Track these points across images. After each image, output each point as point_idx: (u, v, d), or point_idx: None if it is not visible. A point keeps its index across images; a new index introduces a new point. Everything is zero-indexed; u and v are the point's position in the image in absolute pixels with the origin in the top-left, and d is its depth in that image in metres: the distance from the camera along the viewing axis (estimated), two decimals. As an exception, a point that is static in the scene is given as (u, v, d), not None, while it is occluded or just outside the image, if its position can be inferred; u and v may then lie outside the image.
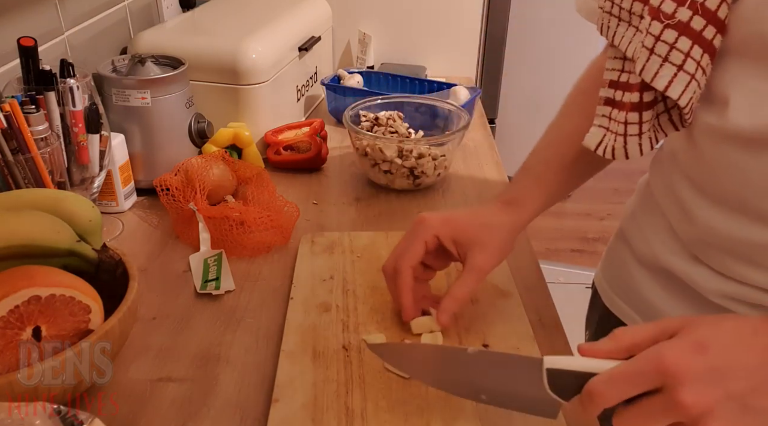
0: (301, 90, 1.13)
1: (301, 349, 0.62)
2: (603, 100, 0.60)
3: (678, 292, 0.65)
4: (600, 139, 0.60)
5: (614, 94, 0.58)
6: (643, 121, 0.57)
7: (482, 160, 1.05)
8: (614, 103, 0.58)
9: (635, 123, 0.57)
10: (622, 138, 0.58)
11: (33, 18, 0.85)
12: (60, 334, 0.52)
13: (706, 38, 0.51)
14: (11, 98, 0.68)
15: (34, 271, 0.55)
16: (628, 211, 0.77)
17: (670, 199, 0.65)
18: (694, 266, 0.63)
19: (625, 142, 0.58)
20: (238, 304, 0.71)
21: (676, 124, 0.58)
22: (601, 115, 0.60)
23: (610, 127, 0.59)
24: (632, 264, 0.72)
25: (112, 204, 0.87)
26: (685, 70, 0.52)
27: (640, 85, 0.55)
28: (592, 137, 0.61)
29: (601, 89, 0.59)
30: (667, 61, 0.52)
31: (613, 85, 0.58)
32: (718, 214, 0.58)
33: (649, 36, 0.52)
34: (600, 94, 0.60)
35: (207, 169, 0.84)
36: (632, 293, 0.72)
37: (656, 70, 0.52)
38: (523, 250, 0.79)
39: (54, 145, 0.71)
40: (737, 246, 0.58)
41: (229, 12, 1.14)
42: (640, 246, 0.71)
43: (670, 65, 0.52)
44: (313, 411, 0.55)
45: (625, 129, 0.57)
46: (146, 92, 0.86)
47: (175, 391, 0.59)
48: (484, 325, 0.65)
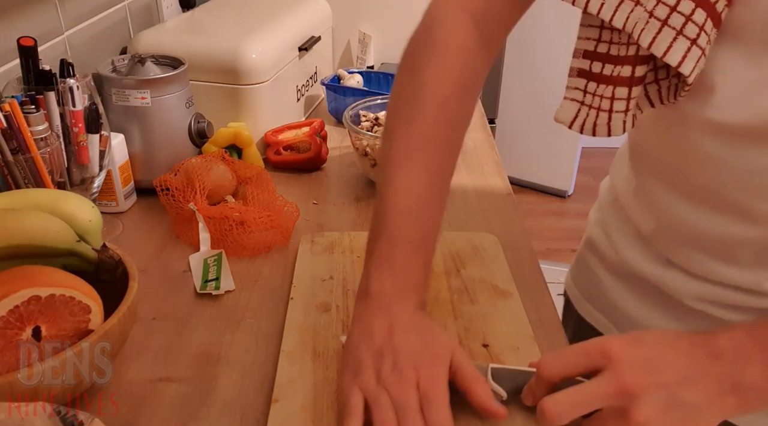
0: (301, 90, 1.13)
1: (301, 350, 0.62)
2: (576, 72, 0.55)
3: (651, 298, 0.65)
4: (574, 114, 0.55)
5: (591, 65, 0.54)
6: (632, 96, 0.53)
7: (482, 160, 1.05)
8: (590, 75, 0.54)
9: (623, 99, 0.53)
10: (606, 114, 0.53)
11: (33, 18, 0.84)
12: (60, 334, 0.52)
13: (717, 11, 0.48)
14: (11, 98, 0.68)
15: (34, 271, 0.55)
16: (593, 218, 0.76)
17: (638, 199, 0.64)
18: (667, 270, 0.62)
19: (610, 119, 0.53)
20: (238, 304, 0.71)
21: (663, 98, 0.54)
22: (574, 87, 0.55)
23: (585, 100, 0.55)
24: (602, 272, 0.71)
25: (111, 204, 0.87)
26: (698, 44, 0.48)
27: (635, 58, 0.51)
28: (565, 112, 0.56)
29: (573, 60, 0.55)
30: (682, 35, 0.48)
31: (589, 55, 0.54)
32: (693, 210, 0.57)
33: (663, 6, 0.48)
34: (572, 64, 0.55)
35: (207, 169, 0.84)
36: (604, 302, 0.71)
37: (670, 44, 0.48)
38: (523, 250, 0.79)
39: (54, 145, 0.71)
40: (713, 243, 0.57)
41: (229, 12, 1.14)
42: (609, 253, 0.70)
43: (684, 39, 0.48)
44: (313, 411, 0.55)
45: (611, 104, 0.53)
46: (146, 92, 0.86)
47: (175, 391, 0.59)
48: (484, 325, 0.65)
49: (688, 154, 0.55)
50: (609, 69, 0.52)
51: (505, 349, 0.62)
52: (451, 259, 0.76)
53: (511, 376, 0.55)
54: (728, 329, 0.49)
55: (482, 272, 0.73)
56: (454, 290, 0.70)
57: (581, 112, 0.55)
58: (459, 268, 0.74)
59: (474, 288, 0.71)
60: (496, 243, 0.79)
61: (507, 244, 0.79)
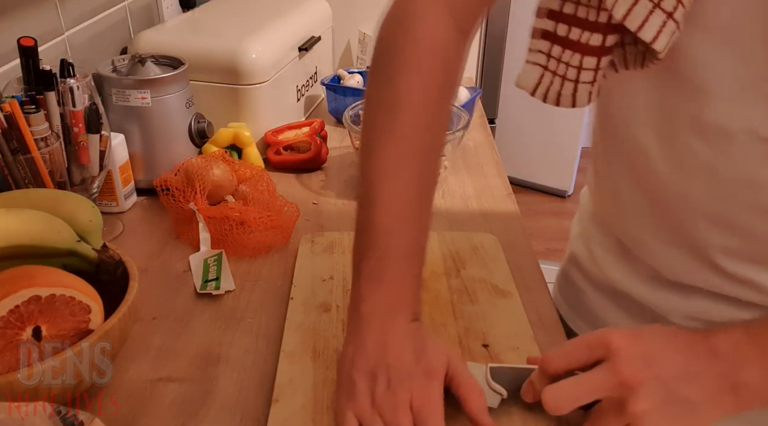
0: (301, 90, 1.13)
1: (301, 350, 0.62)
2: (540, 33, 0.51)
3: (639, 316, 0.64)
4: (537, 79, 0.51)
5: (555, 27, 0.49)
6: (600, 67, 0.49)
7: (482, 160, 1.05)
8: (555, 38, 0.50)
9: (591, 69, 0.49)
10: (572, 84, 0.50)
11: (33, 18, 0.85)
12: (60, 334, 0.52)
13: None
14: (11, 98, 0.68)
15: (34, 271, 0.55)
16: (574, 231, 0.74)
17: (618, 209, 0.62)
18: (653, 289, 0.62)
19: (576, 89, 0.50)
20: (238, 304, 0.71)
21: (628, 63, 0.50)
22: (537, 50, 0.51)
23: (549, 65, 0.51)
24: (587, 288, 0.70)
25: (112, 204, 0.87)
26: (674, 17, 0.45)
27: (606, 26, 0.47)
28: (527, 77, 0.52)
29: (536, 20, 0.51)
30: (659, 7, 0.44)
31: (553, 16, 0.49)
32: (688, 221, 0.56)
33: None
34: (535, 25, 0.51)
35: (207, 169, 0.84)
36: (592, 317, 0.70)
37: (645, 17, 0.45)
38: (523, 250, 0.79)
39: (54, 145, 0.71)
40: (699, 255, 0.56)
41: (229, 12, 1.14)
42: (592, 269, 0.69)
43: (660, 12, 0.44)
44: (313, 411, 0.55)
45: (578, 74, 0.49)
46: (146, 92, 0.86)
47: (175, 391, 0.59)
48: (484, 325, 0.65)
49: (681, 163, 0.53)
50: (576, 33, 0.48)
51: (504, 349, 0.62)
52: (451, 259, 0.76)
53: (510, 374, 0.55)
54: (727, 328, 0.50)
55: (482, 272, 0.73)
56: (454, 290, 0.70)
57: (545, 79, 0.51)
58: (459, 268, 0.74)
59: (474, 288, 0.71)
60: (496, 243, 0.79)
61: (507, 244, 0.79)
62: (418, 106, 0.56)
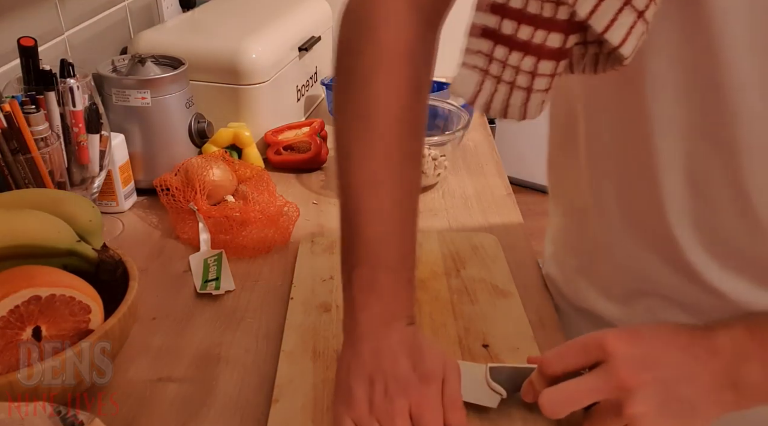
0: (301, 90, 1.13)
1: (302, 350, 0.62)
2: (479, 31, 0.43)
3: None
4: (476, 86, 0.45)
5: (500, 23, 0.42)
6: (557, 71, 0.42)
7: (482, 160, 1.05)
8: (499, 38, 0.42)
9: (547, 75, 0.42)
10: (523, 92, 0.43)
11: (33, 18, 0.85)
12: (60, 334, 0.52)
13: None
14: (11, 98, 0.68)
15: (34, 271, 0.55)
16: (547, 252, 0.73)
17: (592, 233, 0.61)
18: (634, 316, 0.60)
19: (528, 99, 0.43)
20: (238, 304, 0.71)
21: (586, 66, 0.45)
22: (476, 50, 0.44)
23: (491, 70, 0.44)
24: (567, 309, 0.69)
25: (112, 204, 0.87)
26: (645, 17, 0.39)
27: (567, 24, 0.40)
28: (464, 84, 0.45)
29: (475, 14, 0.44)
30: (630, 5, 0.38)
31: (498, 9, 0.42)
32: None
33: None
34: (474, 20, 0.44)
35: (207, 169, 0.84)
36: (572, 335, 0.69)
37: (614, 16, 0.39)
38: (523, 250, 0.79)
39: (54, 145, 0.71)
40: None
41: (229, 12, 1.14)
42: (569, 293, 0.68)
43: (630, 11, 0.39)
44: (313, 412, 0.55)
45: (531, 81, 0.42)
46: (146, 92, 0.86)
47: (175, 391, 0.59)
48: (484, 325, 0.65)
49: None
50: (526, 32, 0.41)
51: (504, 349, 0.62)
52: (451, 259, 0.76)
53: (510, 374, 0.55)
54: (726, 325, 0.49)
55: (482, 272, 0.73)
56: (454, 290, 0.70)
57: (486, 86, 0.44)
58: (459, 268, 0.74)
59: (474, 288, 0.71)
60: (496, 243, 0.79)
61: (507, 244, 0.79)
62: (390, 114, 0.54)
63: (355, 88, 0.54)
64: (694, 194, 0.50)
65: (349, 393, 0.51)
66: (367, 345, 0.52)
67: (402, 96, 0.54)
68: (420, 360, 0.52)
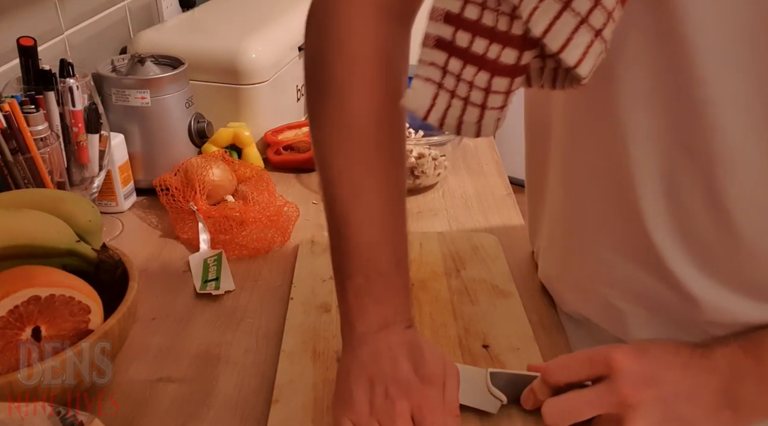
0: (301, 90, 1.13)
1: (302, 350, 0.62)
2: (433, 41, 0.42)
3: None
4: (430, 101, 0.43)
5: (454, 34, 0.40)
6: (512, 88, 0.41)
7: (482, 160, 1.05)
8: (453, 50, 0.41)
9: (501, 92, 0.41)
10: (477, 110, 0.41)
11: (32, 17, 0.84)
12: (59, 335, 0.52)
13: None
14: (11, 98, 0.68)
15: (33, 271, 0.54)
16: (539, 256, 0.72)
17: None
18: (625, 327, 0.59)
19: (481, 116, 0.42)
20: (238, 304, 0.71)
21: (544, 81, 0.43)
22: (430, 62, 0.42)
23: (445, 84, 0.42)
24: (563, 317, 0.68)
25: (111, 204, 0.87)
26: (603, 36, 0.37)
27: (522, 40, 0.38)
28: (418, 97, 0.43)
29: (430, 23, 0.42)
30: (587, 23, 0.36)
31: (452, 20, 0.40)
32: None
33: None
34: (428, 30, 0.42)
35: (207, 169, 0.84)
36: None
37: (569, 36, 0.37)
38: (523, 250, 0.79)
39: (53, 145, 0.71)
40: None
41: (229, 11, 1.14)
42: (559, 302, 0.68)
43: (587, 30, 0.36)
44: (313, 412, 0.55)
45: (484, 98, 0.41)
46: (146, 92, 0.86)
47: (174, 391, 0.59)
48: (484, 325, 0.65)
49: None
50: (481, 46, 0.39)
51: (505, 350, 0.62)
52: (451, 259, 0.76)
53: (510, 380, 0.55)
54: (722, 343, 0.49)
55: (482, 272, 0.73)
56: (454, 290, 0.70)
57: (440, 100, 0.42)
58: (459, 268, 0.74)
59: (474, 288, 0.71)
60: (496, 243, 0.79)
61: (507, 244, 0.79)
62: (368, 122, 0.53)
63: (329, 98, 0.53)
64: (672, 203, 0.50)
65: (349, 395, 0.51)
66: (367, 348, 0.52)
67: (378, 101, 0.53)
68: (421, 362, 0.52)
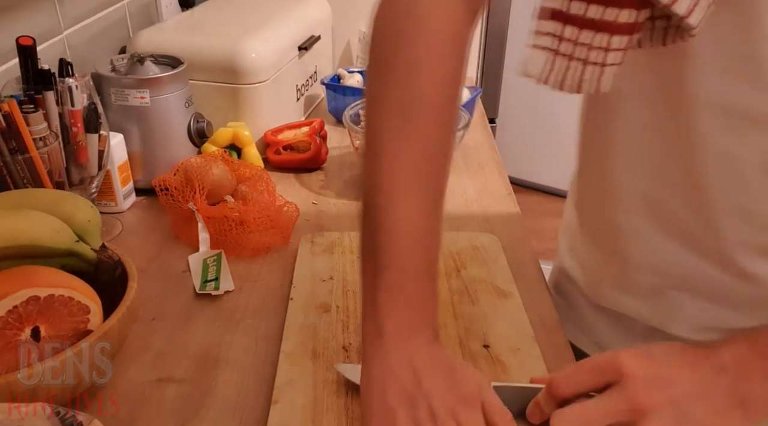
0: (300, 89, 1.13)
1: (301, 350, 0.62)
2: (549, 13, 0.45)
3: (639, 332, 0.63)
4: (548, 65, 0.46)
5: (569, 5, 0.44)
6: (629, 45, 0.44)
7: (482, 160, 1.04)
8: (569, 18, 0.44)
9: (620, 49, 0.44)
10: (597, 67, 0.45)
11: (32, 17, 0.84)
12: (59, 335, 0.52)
13: None
14: (10, 98, 0.68)
15: (32, 271, 0.54)
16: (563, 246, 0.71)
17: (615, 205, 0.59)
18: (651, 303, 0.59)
19: (602, 73, 0.45)
20: (238, 304, 0.71)
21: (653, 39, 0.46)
22: (545, 32, 0.46)
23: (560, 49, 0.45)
24: (582, 303, 0.68)
25: (110, 204, 0.87)
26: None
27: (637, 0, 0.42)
28: (534, 64, 0.46)
29: None
30: None
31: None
32: None
33: None
34: (543, 3, 0.46)
35: (206, 169, 0.84)
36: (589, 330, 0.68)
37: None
38: (524, 250, 0.79)
39: (53, 144, 0.71)
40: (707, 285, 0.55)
41: (229, 11, 1.14)
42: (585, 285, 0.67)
43: None
44: (312, 412, 0.55)
45: (605, 56, 0.44)
46: (145, 92, 0.86)
47: (174, 391, 0.59)
48: (485, 325, 0.65)
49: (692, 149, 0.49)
50: (597, 11, 0.43)
51: (505, 350, 0.62)
52: (451, 260, 0.75)
53: (514, 393, 0.52)
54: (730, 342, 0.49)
55: (483, 272, 0.73)
56: (454, 291, 0.70)
57: (558, 65, 0.46)
58: (459, 268, 0.74)
59: (474, 288, 0.71)
60: (497, 243, 0.79)
61: (507, 244, 0.79)
62: (434, 109, 0.52)
63: (395, 80, 0.52)
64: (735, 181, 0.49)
65: (391, 414, 0.48)
66: (398, 359, 0.50)
67: (446, 90, 0.52)
68: (455, 382, 0.50)
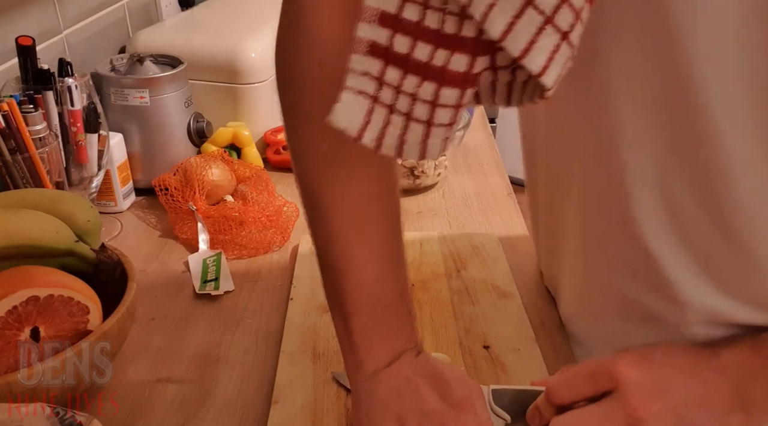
0: (300, 89, 1.13)
1: (301, 350, 0.62)
2: (366, 47, 0.34)
3: None
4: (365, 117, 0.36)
5: (392, 39, 0.34)
6: (463, 102, 0.35)
7: (483, 160, 1.04)
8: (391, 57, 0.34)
9: (450, 106, 0.35)
10: (421, 127, 0.35)
11: (31, 17, 0.84)
12: (58, 335, 0.52)
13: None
14: (9, 98, 0.68)
15: (32, 271, 0.54)
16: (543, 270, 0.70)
17: None
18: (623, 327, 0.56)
19: (428, 135, 0.35)
20: (238, 304, 0.71)
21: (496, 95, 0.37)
22: (362, 71, 0.35)
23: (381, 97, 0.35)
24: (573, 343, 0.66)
25: (110, 204, 0.87)
26: (570, 40, 0.32)
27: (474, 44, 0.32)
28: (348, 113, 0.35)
29: (362, 26, 0.34)
30: (552, 24, 0.31)
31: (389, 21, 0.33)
32: None
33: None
34: (359, 33, 0.34)
35: (206, 169, 0.84)
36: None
37: (532, 37, 0.31)
38: (525, 251, 0.79)
39: (52, 144, 0.71)
40: None
41: (229, 11, 1.14)
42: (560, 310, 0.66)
43: (553, 32, 0.31)
44: (312, 413, 0.55)
45: (431, 113, 0.35)
46: (145, 91, 0.86)
47: (174, 391, 0.59)
48: (485, 326, 0.65)
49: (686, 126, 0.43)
50: (424, 51, 0.33)
51: (505, 351, 0.62)
52: (451, 260, 0.75)
53: (514, 396, 0.52)
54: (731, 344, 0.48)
55: (483, 273, 0.73)
56: (454, 291, 0.70)
57: (375, 116, 0.35)
58: (459, 268, 0.74)
59: (475, 289, 0.70)
60: (497, 243, 0.79)
61: (508, 244, 0.79)
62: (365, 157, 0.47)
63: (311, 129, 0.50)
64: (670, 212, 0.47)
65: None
66: (383, 386, 0.49)
67: None
68: (446, 389, 0.49)
